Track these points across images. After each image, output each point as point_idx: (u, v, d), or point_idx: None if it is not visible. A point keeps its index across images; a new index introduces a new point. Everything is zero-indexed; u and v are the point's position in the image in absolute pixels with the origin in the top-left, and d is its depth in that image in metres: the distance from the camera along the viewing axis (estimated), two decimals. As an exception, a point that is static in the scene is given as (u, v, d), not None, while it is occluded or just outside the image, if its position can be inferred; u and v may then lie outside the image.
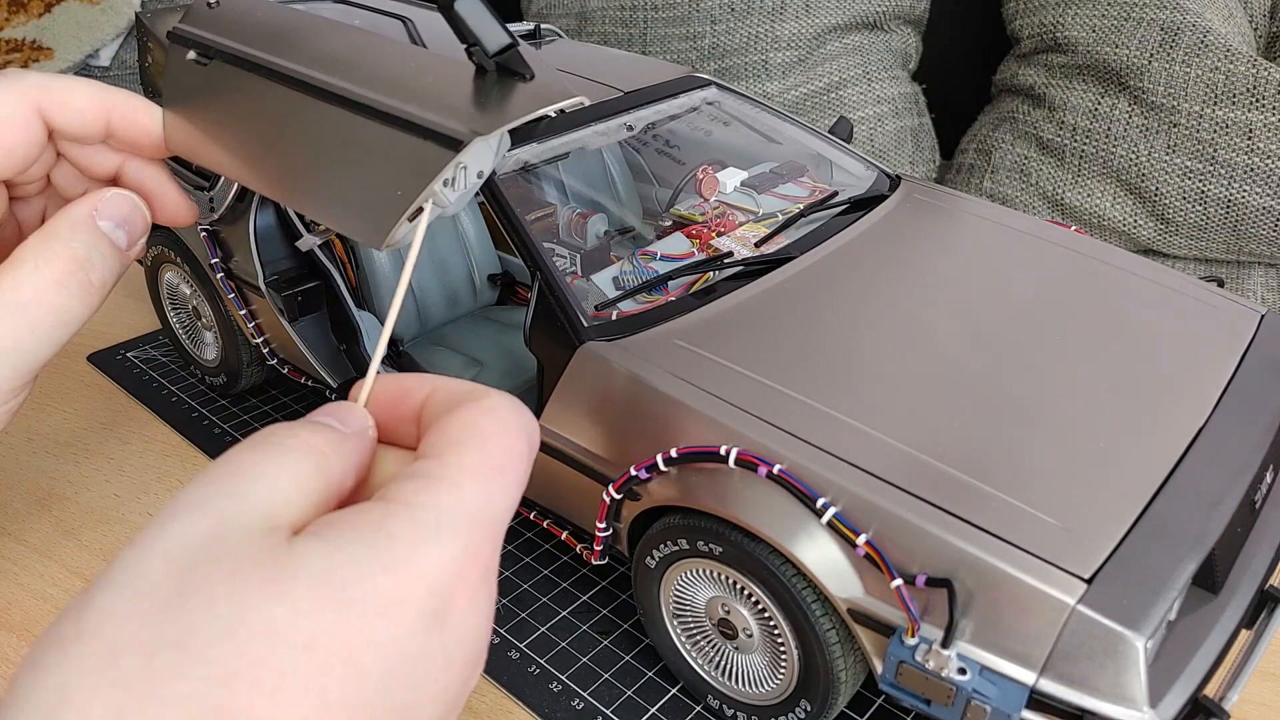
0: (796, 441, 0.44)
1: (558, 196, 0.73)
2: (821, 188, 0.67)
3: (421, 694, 0.24)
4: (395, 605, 0.23)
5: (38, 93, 0.37)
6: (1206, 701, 0.39)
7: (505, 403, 0.28)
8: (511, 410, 0.28)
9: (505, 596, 0.58)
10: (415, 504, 0.25)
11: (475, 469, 0.26)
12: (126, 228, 0.38)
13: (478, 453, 0.27)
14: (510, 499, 0.27)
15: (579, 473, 0.51)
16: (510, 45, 0.39)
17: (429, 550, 0.24)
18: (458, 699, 0.25)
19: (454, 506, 0.25)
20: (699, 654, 0.51)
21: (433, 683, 0.24)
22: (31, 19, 1.30)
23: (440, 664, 0.24)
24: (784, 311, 0.53)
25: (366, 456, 0.29)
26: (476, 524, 0.26)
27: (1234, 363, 0.52)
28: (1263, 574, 0.45)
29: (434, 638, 0.24)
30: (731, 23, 1.20)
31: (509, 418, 0.28)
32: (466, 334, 0.72)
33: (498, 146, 0.41)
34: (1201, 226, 1.08)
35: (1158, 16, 1.08)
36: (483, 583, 0.26)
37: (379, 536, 0.24)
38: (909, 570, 0.41)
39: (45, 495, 0.66)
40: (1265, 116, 1.01)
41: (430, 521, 0.25)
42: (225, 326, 0.71)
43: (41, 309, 0.34)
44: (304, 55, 0.43)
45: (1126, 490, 0.43)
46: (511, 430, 0.28)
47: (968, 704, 0.39)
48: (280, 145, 0.41)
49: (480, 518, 0.26)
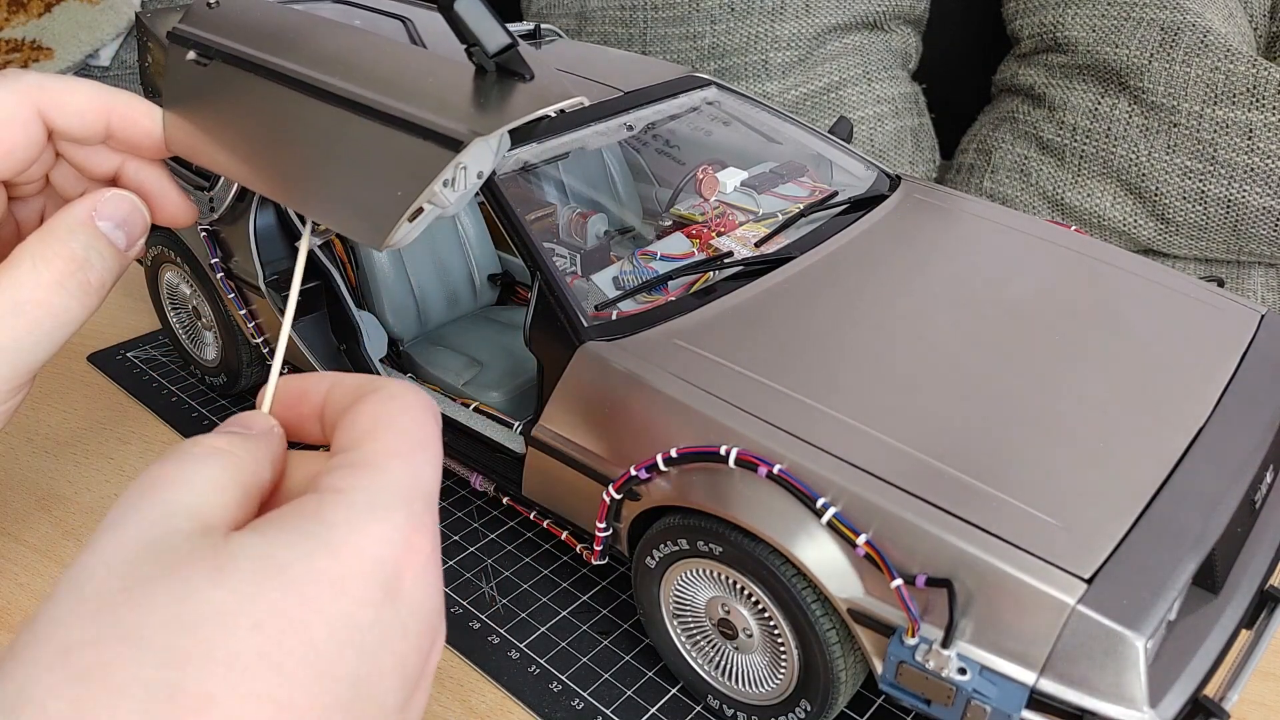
0: (796, 441, 0.44)
1: (558, 196, 0.73)
2: (821, 188, 0.67)
3: (380, 664, 0.24)
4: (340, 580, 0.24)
5: (37, 93, 0.37)
6: (1206, 701, 0.39)
7: (403, 388, 0.30)
8: (411, 392, 0.30)
9: (505, 596, 0.58)
10: (346, 488, 0.26)
11: (395, 449, 0.28)
12: (126, 228, 0.38)
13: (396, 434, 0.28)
14: (433, 470, 0.28)
15: (579, 473, 0.51)
16: (510, 45, 0.39)
17: (367, 528, 0.25)
18: (419, 669, 0.26)
19: (384, 485, 0.26)
20: (699, 654, 0.51)
21: (390, 653, 0.24)
22: (31, 19, 1.30)
23: (396, 633, 0.25)
24: (784, 311, 0.53)
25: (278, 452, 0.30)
26: (409, 498, 0.27)
27: (1234, 363, 0.52)
28: (1263, 574, 0.45)
29: (386, 608, 0.25)
30: (731, 23, 1.21)
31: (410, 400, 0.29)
32: (466, 334, 0.72)
33: (498, 147, 0.41)
34: (1201, 226, 1.08)
35: (1158, 16, 1.08)
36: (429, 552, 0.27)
37: (316, 524, 0.25)
38: (909, 570, 0.41)
39: (45, 495, 0.66)
40: (1265, 116, 1.01)
41: (364, 502, 0.26)
42: (225, 326, 0.71)
43: (40, 309, 0.34)
44: (304, 55, 0.43)
45: (1126, 490, 0.43)
46: (415, 409, 0.29)
47: (968, 704, 0.39)
48: (280, 146, 0.41)
49: (411, 492, 0.27)
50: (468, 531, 0.63)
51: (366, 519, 0.25)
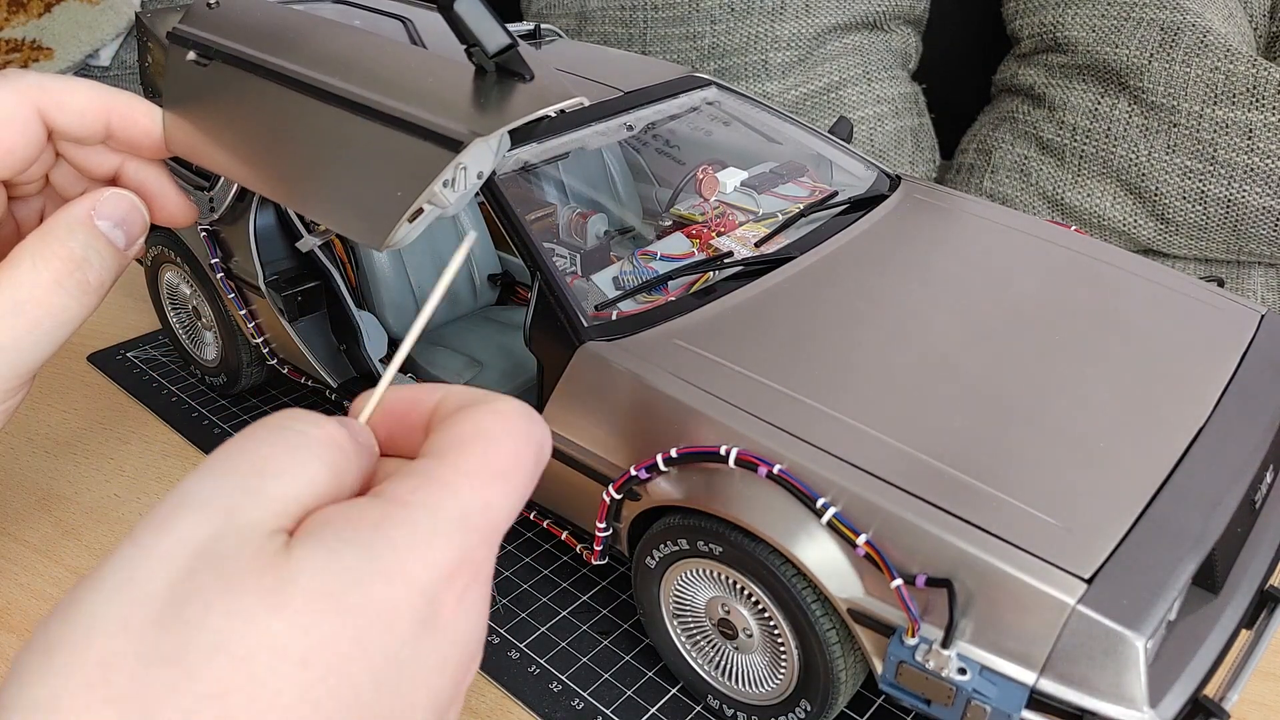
0: (796, 441, 0.44)
1: (558, 196, 0.73)
2: (821, 188, 0.67)
3: (414, 698, 0.24)
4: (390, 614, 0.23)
5: (37, 93, 0.37)
6: (1206, 701, 0.39)
7: (516, 408, 0.28)
8: (522, 416, 0.27)
9: (505, 596, 0.58)
10: (411, 503, 0.25)
11: (476, 471, 0.26)
12: (125, 227, 0.38)
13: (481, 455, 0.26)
14: (511, 505, 0.26)
15: (579, 473, 0.51)
16: (510, 45, 0.39)
17: (422, 554, 0.24)
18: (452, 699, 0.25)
19: (450, 510, 0.25)
20: (699, 654, 0.51)
21: (425, 687, 0.24)
22: (31, 19, 1.30)
23: (434, 668, 0.24)
24: (784, 311, 0.53)
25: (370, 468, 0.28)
26: (472, 529, 0.25)
27: (1234, 363, 0.52)
28: (1263, 574, 0.45)
29: (425, 642, 0.24)
30: (731, 23, 1.20)
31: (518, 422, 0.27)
32: (466, 334, 0.72)
33: (498, 147, 0.41)
34: (1201, 226, 1.08)
35: (1158, 16, 1.08)
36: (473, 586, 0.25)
37: (376, 539, 0.24)
38: (909, 570, 0.41)
39: (45, 495, 0.66)
40: (1265, 116, 1.01)
41: (426, 524, 0.24)
42: (225, 326, 0.71)
43: (39, 308, 0.34)
44: (304, 56, 0.43)
45: (1126, 490, 0.43)
46: (518, 435, 0.27)
47: (968, 704, 0.39)
48: (280, 146, 0.41)
49: (476, 521, 0.25)
50: (468, 531, 0.63)
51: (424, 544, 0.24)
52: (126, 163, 0.41)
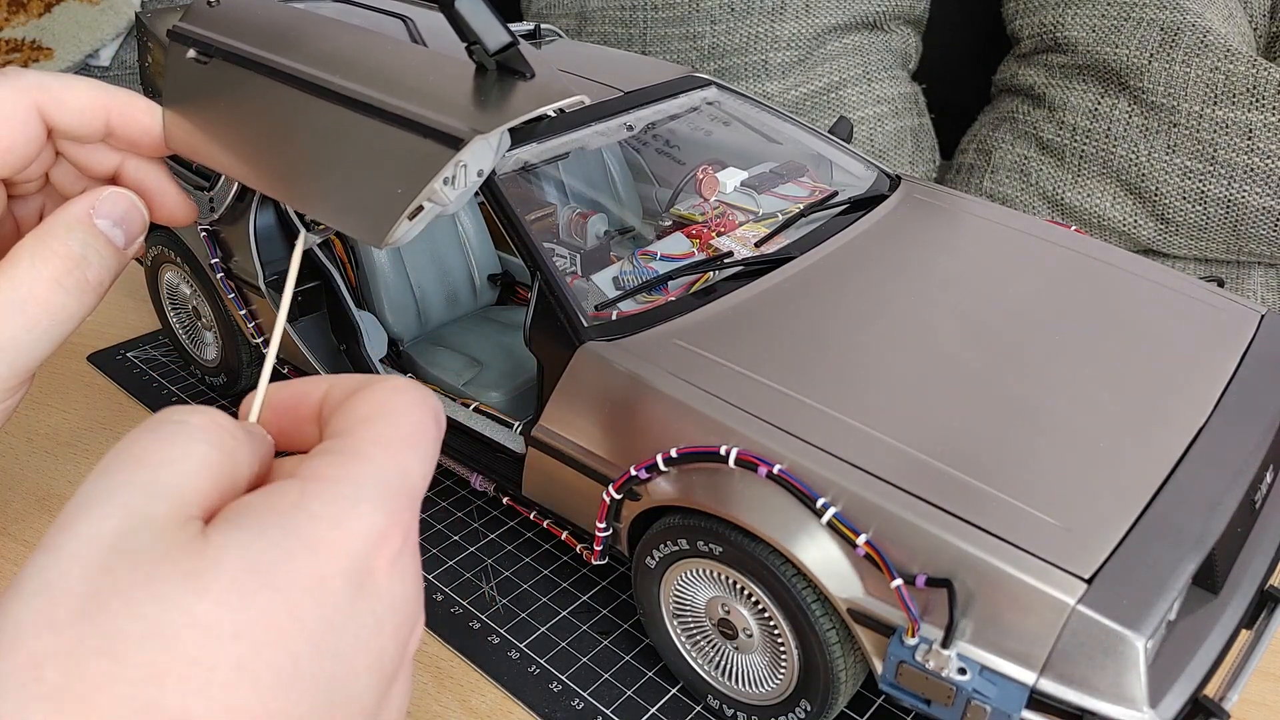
0: (796, 441, 0.44)
1: (558, 196, 0.73)
2: (821, 188, 0.67)
3: (354, 662, 0.24)
4: (321, 582, 0.23)
5: (37, 91, 0.37)
6: (1206, 701, 0.39)
7: (409, 384, 0.29)
8: (417, 389, 0.29)
9: (505, 596, 0.58)
10: (331, 478, 0.25)
11: (388, 441, 0.27)
12: (124, 226, 0.38)
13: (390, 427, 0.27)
14: (424, 471, 0.28)
15: (579, 473, 0.51)
16: (511, 44, 0.39)
17: (349, 523, 0.24)
18: (396, 660, 0.26)
19: (370, 478, 0.26)
20: (699, 654, 0.51)
21: (364, 650, 0.24)
22: (31, 19, 1.30)
23: (370, 630, 0.24)
24: (784, 311, 0.53)
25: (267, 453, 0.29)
26: (394, 493, 0.26)
27: (1234, 363, 0.52)
28: (1263, 574, 0.45)
29: (360, 605, 0.24)
30: (731, 23, 1.21)
31: (414, 394, 0.29)
32: (466, 334, 0.72)
33: (498, 145, 0.41)
34: (1201, 226, 1.08)
35: (1158, 16, 1.08)
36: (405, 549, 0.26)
37: (299, 515, 0.24)
38: (909, 570, 0.41)
39: (45, 495, 0.66)
40: (1265, 116, 1.01)
41: (348, 494, 0.25)
42: (225, 326, 0.71)
43: (38, 307, 0.34)
44: (304, 54, 0.43)
45: (1126, 490, 0.43)
46: (417, 406, 0.28)
47: (968, 704, 0.39)
48: (280, 144, 0.41)
49: (396, 487, 0.26)
50: (468, 531, 0.63)
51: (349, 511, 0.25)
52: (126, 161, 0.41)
